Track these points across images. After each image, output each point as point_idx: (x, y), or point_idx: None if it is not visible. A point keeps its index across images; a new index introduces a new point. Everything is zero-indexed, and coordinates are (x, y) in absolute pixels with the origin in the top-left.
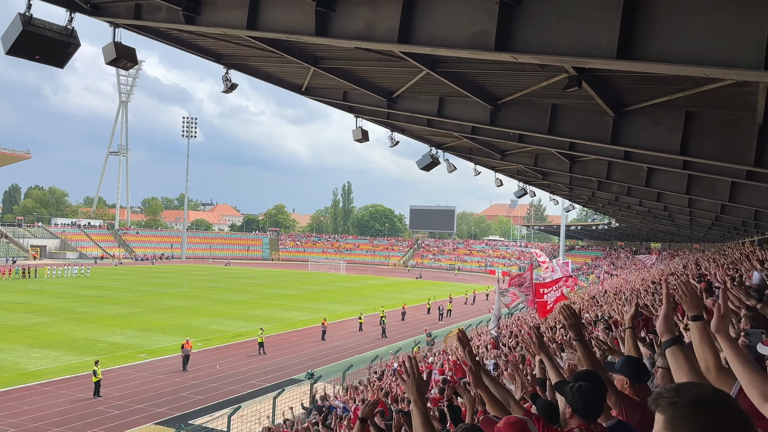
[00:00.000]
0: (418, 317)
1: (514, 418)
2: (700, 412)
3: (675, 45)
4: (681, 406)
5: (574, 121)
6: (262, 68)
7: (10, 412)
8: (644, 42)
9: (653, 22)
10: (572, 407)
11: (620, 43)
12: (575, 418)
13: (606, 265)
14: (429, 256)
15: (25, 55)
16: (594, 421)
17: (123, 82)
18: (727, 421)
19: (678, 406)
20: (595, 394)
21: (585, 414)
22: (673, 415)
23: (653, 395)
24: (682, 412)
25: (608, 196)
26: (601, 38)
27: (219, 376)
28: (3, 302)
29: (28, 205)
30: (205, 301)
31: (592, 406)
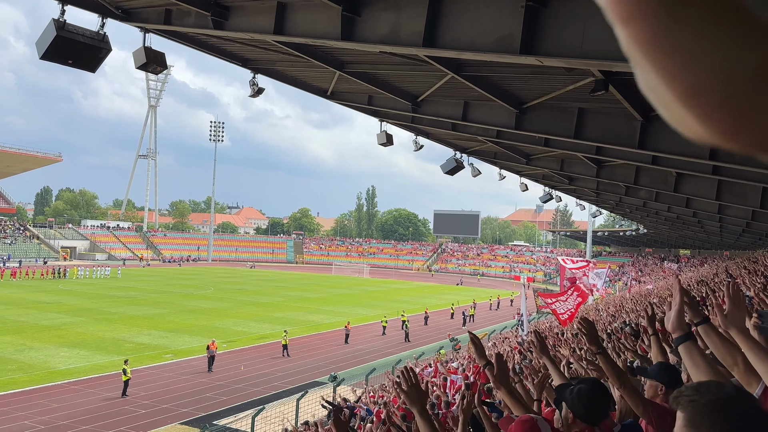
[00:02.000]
0: (441, 322)
1: (525, 417)
2: (719, 411)
3: None
4: (701, 405)
5: (601, 125)
6: (288, 73)
7: (40, 410)
8: None
9: None
10: (573, 411)
11: None
12: (577, 422)
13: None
14: (453, 260)
15: (58, 60)
16: (596, 425)
17: (152, 86)
18: (748, 421)
19: (698, 404)
20: (595, 397)
21: (585, 418)
22: (693, 414)
23: (674, 393)
24: (701, 411)
25: (636, 202)
26: None
27: (243, 377)
28: (34, 302)
29: (59, 207)
30: (230, 303)
31: (593, 410)
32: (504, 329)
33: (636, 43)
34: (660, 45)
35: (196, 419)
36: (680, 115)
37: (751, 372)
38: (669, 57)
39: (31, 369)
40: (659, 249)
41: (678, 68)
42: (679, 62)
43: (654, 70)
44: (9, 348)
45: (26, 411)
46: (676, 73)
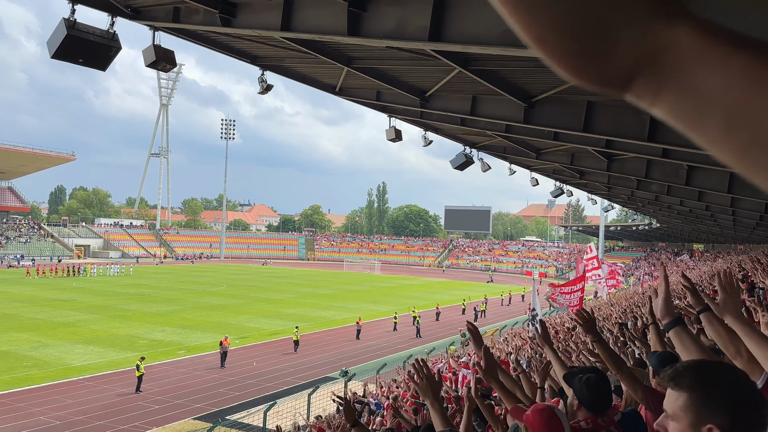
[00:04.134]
0: (452, 318)
1: (541, 406)
2: (727, 390)
3: None
4: (707, 384)
5: (610, 118)
6: (296, 69)
7: (56, 405)
8: None
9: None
10: (579, 399)
11: None
12: (582, 410)
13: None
14: (464, 256)
15: (69, 59)
16: (602, 414)
17: (164, 85)
18: (757, 399)
19: (703, 384)
20: (602, 387)
21: (592, 406)
22: (699, 394)
23: (671, 373)
24: (709, 392)
25: (648, 196)
26: None
27: (256, 373)
28: (49, 300)
29: (73, 206)
30: (242, 299)
31: (600, 399)
32: (515, 324)
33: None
34: (509, 2)
35: (209, 414)
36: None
37: (754, 362)
38: (516, 11)
39: (46, 365)
40: (672, 243)
41: (526, 20)
42: (525, 15)
43: (512, 23)
44: (25, 345)
45: (42, 407)
46: (525, 24)
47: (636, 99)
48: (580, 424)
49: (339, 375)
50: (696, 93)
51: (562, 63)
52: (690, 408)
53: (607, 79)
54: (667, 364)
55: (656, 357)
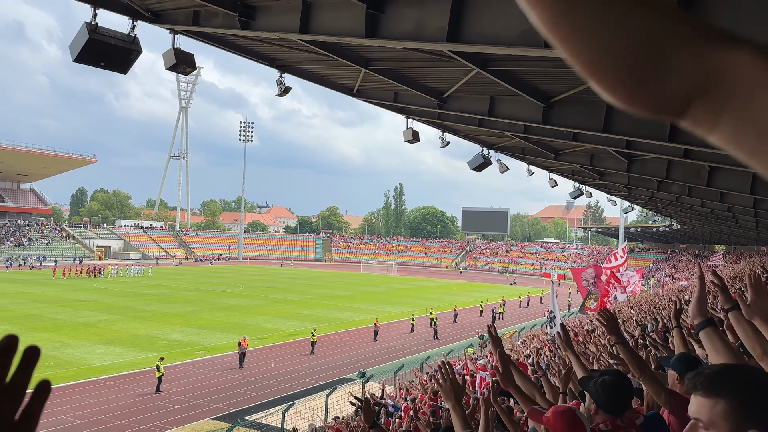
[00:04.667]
0: (470, 319)
1: (562, 407)
2: (766, 393)
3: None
4: (746, 389)
5: (630, 118)
6: (314, 71)
7: (77, 405)
8: None
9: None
10: (596, 402)
11: None
12: (600, 413)
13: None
14: (481, 258)
15: (91, 62)
16: (620, 416)
17: (183, 88)
18: None
19: (742, 389)
20: (619, 389)
21: (609, 409)
22: (739, 400)
23: (704, 379)
24: (749, 397)
25: (669, 197)
26: None
27: (274, 373)
28: (71, 300)
29: (94, 208)
30: (260, 300)
31: (616, 401)
32: (534, 327)
33: (542, 26)
34: (560, 28)
35: (228, 414)
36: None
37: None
38: (568, 38)
39: (68, 365)
40: (693, 245)
41: (576, 48)
42: (576, 43)
43: (560, 49)
44: (47, 345)
45: (64, 406)
46: (576, 52)
47: (693, 125)
48: (599, 427)
49: (356, 376)
50: (757, 119)
51: (615, 92)
52: (730, 415)
53: (662, 106)
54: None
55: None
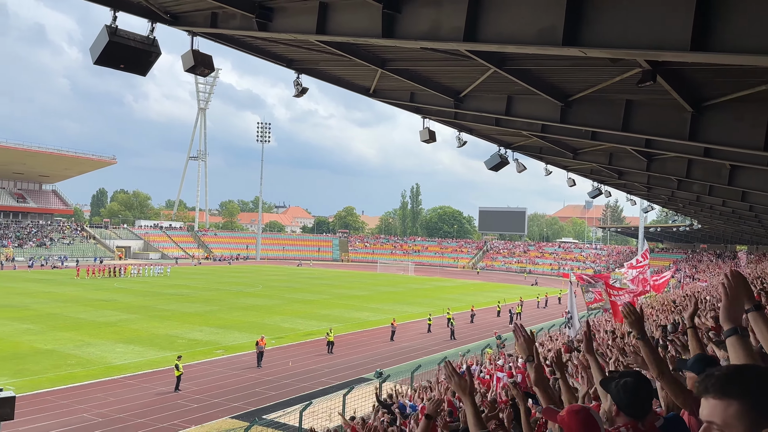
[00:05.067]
0: (487, 320)
1: (577, 407)
2: None
3: (755, 34)
4: (759, 389)
5: (650, 117)
6: (331, 72)
7: (98, 403)
8: (721, 32)
9: (730, 11)
10: (617, 404)
11: (694, 34)
12: (621, 416)
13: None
14: (499, 258)
15: (111, 65)
16: (641, 419)
17: (201, 89)
18: None
19: (755, 389)
20: (640, 390)
21: (630, 411)
22: (753, 400)
23: (716, 381)
24: (763, 397)
25: (689, 196)
26: (673, 29)
27: (291, 373)
28: (91, 300)
29: (114, 208)
30: (278, 300)
31: (638, 403)
32: (552, 327)
33: None
34: None
35: (246, 413)
36: None
37: None
38: None
39: (89, 364)
40: (714, 245)
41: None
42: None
43: None
44: (69, 344)
45: (85, 404)
46: None
47: None
48: (620, 430)
49: (374, 376)
50: None
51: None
52: (744, 416)
53: None
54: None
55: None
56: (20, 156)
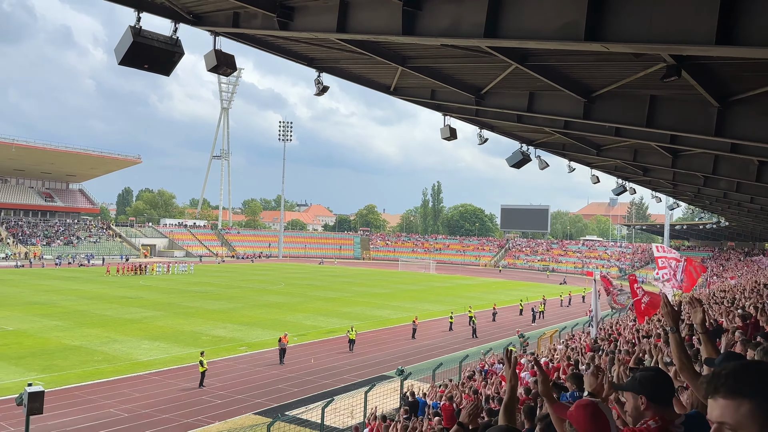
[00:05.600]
0: (509, 318)
1: (585, 401)
2: None
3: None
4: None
5: (675, 112)
6: (352, 70)
7: (124, 398)
8: (746, 25)
9: (756, 3)
10: (645, 393)
11: (720, 28)
12: (649, 408)
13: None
14: (521, 256)
15: (135, 65)
16: (669, 406)
17: (224, 89)
18: None
19: (766, 387)
20: (664, 377)
21: (658, 397)
22: (765, 398)
23: (725, 381)
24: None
25: (716, 193)
26: (698, 23)
27: (313, 369)
28: (118, 297)
29: (140, 207)
30: (300, 297)
31: (664, 389)
32: (576, 326)
33: None
34: None
35: (269, 409)
36: None
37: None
38: None
39: (115, 360)
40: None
41: None
42: None
43: None
44: (95, 340)
45: (111, 399)
46: None
47: None
48: (648, 424)
49: (395, 374)
50: None
51: None
52: (758, 415)
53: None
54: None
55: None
56: (48, 156)
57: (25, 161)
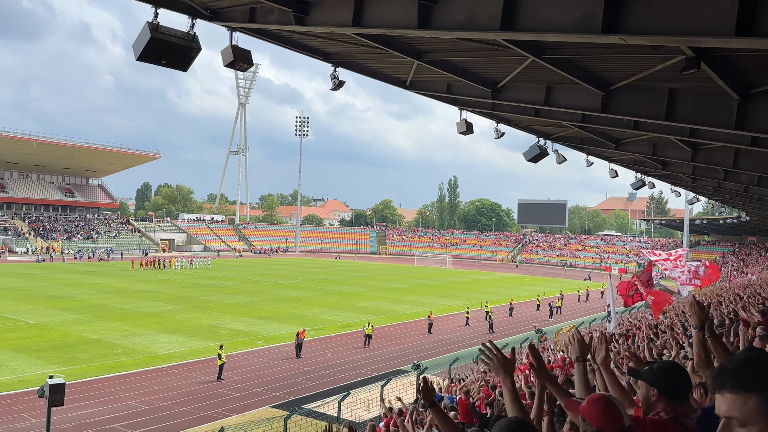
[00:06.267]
0: (526, 313)
1: (597, 395)
2: None
3: None
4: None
5: (694, 105)
6: (367, 64)
7: (143, 391)
8: (766, 16)
9: None
10: (658, 387)
11: (739, 19)
12: (661, 400)
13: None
14: (538, 251)
15: (153, 61)
16: (683, 402)
17: (241, 85)
18: None
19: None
20: (680, 372)
21: (671, 392)
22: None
23: (731, 376)
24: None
25: (736, 187)
26: (717, 14)
27: (330, 363)
28: (137, 291)
29: (158, 202)
30: (317, 292)
31: (678, 384)
32: (593, 321)
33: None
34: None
35: (286, 403)
36: None
37: None
38: None
39: (134, 353)
40: (764, 237)
41: None
42: None
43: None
44: (115, 334)
45: (131, 392)
46: None
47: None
48: (660, 415)
49: (411, 368)
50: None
51: None
52: (765, 409)
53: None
54: None
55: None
56: (68, 151)
57: (46, 157)
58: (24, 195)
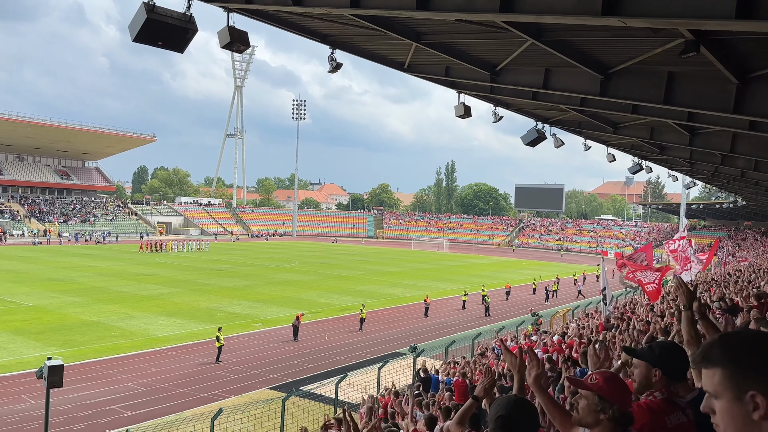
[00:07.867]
0: (522, 297)
1: (607, 373)
2: (758, 353)
3: None
4: (737, 353)
5: (693, 89)
6: (365, 47)
7: (141, 373)
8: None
9: None
10: (661, 366)
11: (739, 2)
12: (662, 379)
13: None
14: (535, 235)
15: (149, 42)
16: (682, 381)
17: (237, 67)
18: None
19: (734, 353)
20: (681, 351)
21: (674, 371)
22: (733, 365)
23: (700, 353)
24: (741, 360)
25: (733, 172)
26: None
27: (327, 346)
28: (135, 274)
29: (155, 185)
30: (314, 276)
31: (680, 363)
32: (589, 305)
33: None
34: None
35: (284, 384)
36: None
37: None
38: None
39: (132, 336)
40: (760, 222)
41: None
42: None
43: None
44: (113, 316)
45: (129, 374)
46: None
47: None
48: (654, 395)
49: (408, 351)
50: None
51: None
52: (728, 380)
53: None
54: None
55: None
56: (64, 134)
57: (42, 139)
58: (20, 178)
